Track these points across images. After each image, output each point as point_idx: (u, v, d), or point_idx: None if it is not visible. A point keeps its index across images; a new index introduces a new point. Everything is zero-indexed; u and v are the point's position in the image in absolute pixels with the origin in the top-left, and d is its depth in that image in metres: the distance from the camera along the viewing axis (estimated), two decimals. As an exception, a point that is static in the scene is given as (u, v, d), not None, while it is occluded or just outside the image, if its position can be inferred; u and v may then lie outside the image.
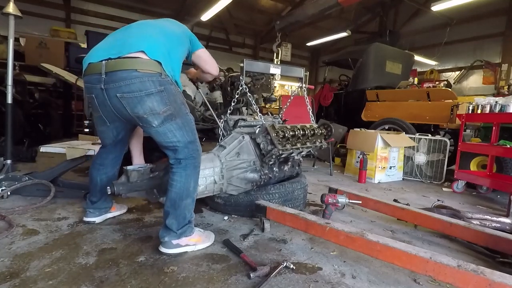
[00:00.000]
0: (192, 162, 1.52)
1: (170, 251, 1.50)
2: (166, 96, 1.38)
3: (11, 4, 2.47)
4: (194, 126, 1.55)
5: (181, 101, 1.49)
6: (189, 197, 1.52)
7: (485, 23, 8.56)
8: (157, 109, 1.37)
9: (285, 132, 1.94)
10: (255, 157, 2.01)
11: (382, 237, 1.39)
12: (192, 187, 1.54)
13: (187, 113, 1.52)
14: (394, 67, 5.59)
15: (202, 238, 1.61)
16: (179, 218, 1.51)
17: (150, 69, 1.34)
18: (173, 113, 1.42)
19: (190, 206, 1.55)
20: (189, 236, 1.55)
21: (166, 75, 1.40)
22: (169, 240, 1.50)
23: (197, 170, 1.56)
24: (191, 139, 1.51)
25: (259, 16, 11.13)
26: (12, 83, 2.58)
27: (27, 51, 6.22)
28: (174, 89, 1.44)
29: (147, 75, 1.33)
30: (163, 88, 1.36)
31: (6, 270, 1.31)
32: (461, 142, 3.34)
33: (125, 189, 1.62)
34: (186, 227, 1.54)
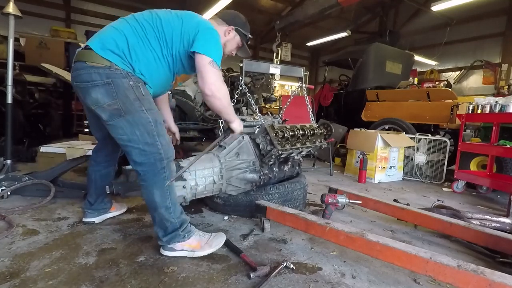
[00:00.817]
0: (150, 169, 1.39)
1: (166, 252, 1.50)
2: (114, 89, 1.30)
3: (11, 4, 2.47)
4: (154, 127, 1.38)
5: (136, 97, 1.33)
6: (158, 208, 1.43)
7: (485, 23, 8.56)
8: (101, 101, 1.32)
9: (285, 132, 1.94)
10: (255, 158, 2.00)
11: (382, 237, 1.39)
12: (158, 197, 1.41)
13: (143, 110, 1.35)
14: (394, 67, 5.59)
15: (201, 244, 1.53)
16: (161, 226, 1.47)
17: (98, 62, 1.31)
18: (121, 108, 1.32)
19: (166, 216, 1.44)
20: (183, 241, 1.49)
21: (118, 68, 1.31)
22: (162, 244, 1.50)
23: (159, 177, 1.40)
24: (145, 141, 1.36)
25: (259, 16, 11.12)
26: (12, 83, 2.58)
27: (27, 51, 6.22)
28: (127, 83, 1.32)
29: (94, 67, 1.31)
30: (110, 80, 1.30)
31: (6, 270, 1.31)
32: (461, 142, 3.34)
33: (124, 188, 1.62)
34: (173, 235, 1.47)
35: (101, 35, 1.38)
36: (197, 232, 1.57)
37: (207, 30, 1.46)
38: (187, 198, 1.78)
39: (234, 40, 1.71)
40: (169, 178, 1.44)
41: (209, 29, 1.47)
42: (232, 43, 1.72)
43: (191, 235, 1.52)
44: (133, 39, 1.36)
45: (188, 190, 1.77)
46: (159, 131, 1.40)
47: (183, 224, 1.51)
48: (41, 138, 4.77)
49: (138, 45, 1.36)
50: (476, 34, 8.78)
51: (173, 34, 1.42)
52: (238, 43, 1.74)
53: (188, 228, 1.53)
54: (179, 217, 1.50)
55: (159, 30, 1.41)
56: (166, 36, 1.42)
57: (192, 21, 1.48)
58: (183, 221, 1.52)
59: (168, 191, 1.45)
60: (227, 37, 1.67)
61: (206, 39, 1.42)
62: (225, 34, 1.66)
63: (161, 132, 1.41)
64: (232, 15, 1.72)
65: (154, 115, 1.40)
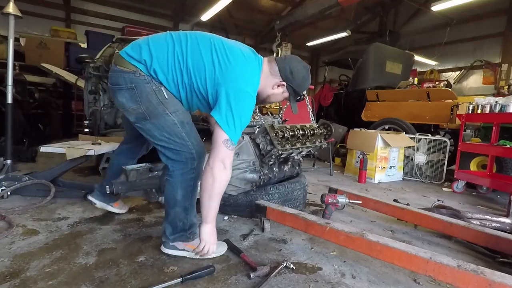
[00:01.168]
0: (180, 167, 1.39)
1: (166, 250, 1.50)
2: (137, 94, 1.33)
3: (11, 4, 2.47)
4: (181, 128, 1.37)
5: (159, 101, 1.33)
6: (177, 206, 1.43)
7: (485, 23, 8.56)
8: (126, 105, 1.37)
9: (285, 132, 1.94)
10: (255, 158, 2.00)
11: (382, 237, 1.39)
12: (180, 196, 1.41)
13: (168, 113, 1.35)
14: (394, 67, 5.59)
15: None
16: (172, 224, 1.47)
17: (125, 66, 1.34)
18: (145, 113, 1.34)
19: (181, 215, 1.44)
20: (186, 242, 1.49)
21: (142, 73, 1.32)
22: (166, 240, 1.50)
23: (186, 177, 1.40)
24: (175, 141, 1.37)
25: (259, 16, 11.13)
26: (12, 83, 2.58)
27: (27, 51, 6.22)
28: (150, 88, 1.32)
29: (121, 71, 1.34)
30: (134, 85, 1.32)
31: (6, 270, 1.31)
32: (461, 142, 3.34)
33: (124, 188, 1.62)
34: (179, 235, 1.48)
35: (135, 42, 1.40)
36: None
37: (238, 94, 1.29)
38: None
39: (281, 96, 1.52)
40: (196, 179, 1.42)
41: (240, 92, 1.30)
42: (277, 97, 1.53)
43: (195, 237, 1.51)
44: (156, 53, 1.32)
45: None
46: (188, 131, 1.39)
47: (192, 227, 1.51)
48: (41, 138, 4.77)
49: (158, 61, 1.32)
50: (476, 34, 8.78)
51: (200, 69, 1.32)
52: (284, 98, 1.55)
53: (195, 230, 1.52)
54: (192, 220, 1.50)
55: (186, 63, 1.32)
56: (189, 67, 1.33)
57: (226, 71, 1.31)
58: (193, 224, 1.52)
59: (191, 193, 1.45)
60: (274, 91, 1.48)
61: (231, 106, 1.27)
62: (273, 87, 1.47)
63: (190, 132, 1.40)
64: (292, 68, 1.44)
65: (180, 116, 1.38)
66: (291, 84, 1.47)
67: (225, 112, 1.28)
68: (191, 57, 1.32)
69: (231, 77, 1.31)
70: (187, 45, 1.35)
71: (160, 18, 10.77)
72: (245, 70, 1.36)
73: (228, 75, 1.31)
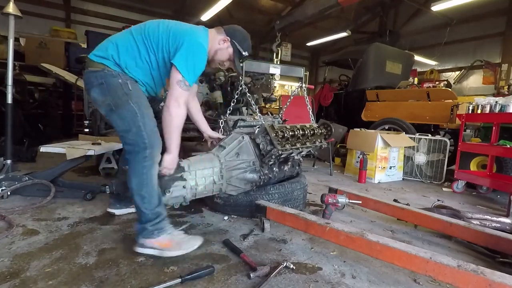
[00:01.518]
0: (133, 156, 1.47)
1: (137, 249, 1.50)
2: (105, 88, 1.46)
3: (11, 4, 2.47)
4: (140, 118, 1.45)
5: (123, 92, 1.46)
6: (134, 194, 1.47)
7: (485, 23, 8.56)
8: (97, 99, 1.51)
9: (285, 132, 1.94)
10: (255, 158, 2.00)
11: (382, 237, 1.39)
12: (134, 184, 1.46)
13: (130, 103, 1.46)
14: (394, 67, 5.59)
15: (172, 244, 1.49)
16: (137, 216, 1.51)
17: (94, 66, 1.50)
18: (111, 104, 1.46)
19: (139, 204, 1.47)
20: (152, 239, 1.48)
21: (110, 69, 1.47)
22: (136, 238, 1.51)
23: (139, 165, 1.46)
24: (132, 130, 1.45)
25: (259, 16, 11.13)
26: (12, 83, 2.58)
27: (27, 51, 6.22)
28: (117, 81, 1.46)
29: (92, 72, 1.50)
30: (103, 81, 1.46)
31: (6, 270, 1.31)
32: (461, 142, 3.34)
33: (124, 188, 1.62)
34: (143, 227, 1.49)
35: (100, 44, 1.58)
36: (171, 230, 1.54)
37: (191, 43, 1.51)
38: (187, 198, 1.78)
39: (226, 51, 1.72)
40: (150, 168, 1.48)
41: (194, 43, 1.52)
42: (223, 53, 1.72)
43: (162, 232, 1.50)
44: (122, 46, 1.51)
45: (188, 190, 1.77)
46: (145, 122, 1.47)
47: (156, 219, 1.49)
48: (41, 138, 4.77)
49: (127, 51, 1.51)
50: (476, 34, 8.78)
51: (158, 42, 1.53)
52: (230, 55, 1.74)
53: (160, 224, 1.51)
54: (153, 210, 1.48)
55: (147, 38, 1.53)
56: (153, 43, 1.53)
57: (179, 32, 1.54)
58: (157, 215, 1.50)
59: (146, 181, 1.47)
60: (220, 46, 1.70)
61: (186, 53, 1.49)
62: (219, 42, 1.69)
63: (147, 123, 1.48)
64: (234, 29, 1.74)
65: (141, 108, 1.48)
66: (234, 39, 1.70)
67: (181, 56, 1.49)
68: (151, 37, 1.52)
69: (186, 33, 1.54)
70: (144, 31, 1.54)
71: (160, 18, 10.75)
72: (196, 29, 1.63)
73: (183, 33, 1.54)
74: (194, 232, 1.81)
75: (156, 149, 1.50)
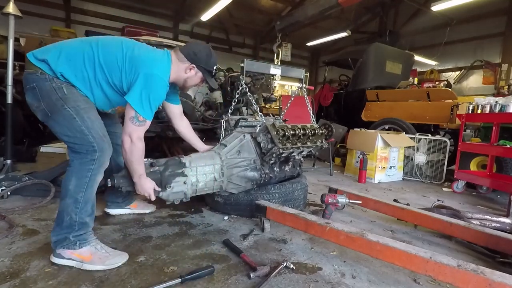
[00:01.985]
0: (78, 157, 1.40)
1: (55, 259, 1.38)
2: (38, 92, 1.39)
3: (11, 4, 2.48)
4: (80, 122, 1.38)
5: (58, 97, 1.37)
6: (67, 196, 1.38)
7: (485, 23, 8.56)
8: (32, 104, 1.43)
9: (286, 131, 1.95)
10: (256, 156, 2.01)
11: (382, 237, 1.39)
12: (72, 185, 1.37)
13: (66, 108, 1.37)
14: (394, 67, 5.59)
15: (93, 258, 1.37)
16: (59, 218, 1.39)
17: (30, 68, 1.41)
18: (45, 109, 1.39)
19: (70, 208, 1.37)
20: (73, 250, 1.37)
21: (43, 73, 1.38)
22: (52, 247, 1.40)
23: (83, 167, 1.39)
24: (75, 135, 1.38)
25: (259, 16, 11.14)
26: (12, 83, 2.58)
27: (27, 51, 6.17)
28: (50, 85, 1.38)
29: (27, 73, 1.42)
30: (35, 84, 1.39)
31: (6, 270, 1.31)
32: (461, 142, 3.34)
33: (125, 182, 1.63)
34: (64, 235, 1.37)
35: (46, 46, 1.48)
36: (96, 244, 1.43)
37: (147, 77, 1.44)
38: (188, 194, 1.78)
39: (196, 77, 1.69)
40: (95, 173, 1.41)
41: (149, 76, 1.44)
42: (193, 79, 1.70)
43: (84, 244, 1.40)
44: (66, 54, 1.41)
45: (189, 186, 1.77)
46: (88, 125, 1.40)
47: (81, 230, 1.40)
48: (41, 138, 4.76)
49: (69, 60, 1.40)
50: (476, 34, 8.78)
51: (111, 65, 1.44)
52: (201, 79, 1.72)
53: (84, 236, 1.41)
54: (82, 219, 1.40)
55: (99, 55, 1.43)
56: (104, 64, 1.43)
57: (136, 61, 1.45)
58: (84, 226, 1.41)
59: (86, 186, 1.40)
60: (188, 75, 1.66)
61: (141, 89, 1.43)
62: (186, 71, 1.64)
63: (91, 125, 1.41)
64: (194, 51, 1.63)
65: (79, 111, 1.40)
66: (199, 63, 1.64)
67: (135, 92, 1.43)
68: (102, 53, 1.43)
69: (143, 64, 1.45)
70: (97, 44, 1.45)
71: (160, 18, 10.78)
72: (155, 58, 1.53)
73: (140, 63, 1.45)
74: (194, 232, 1.82)
75: (105, 154, 1.44)
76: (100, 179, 1.46)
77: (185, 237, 1.74)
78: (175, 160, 1.79)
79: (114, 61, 1.44)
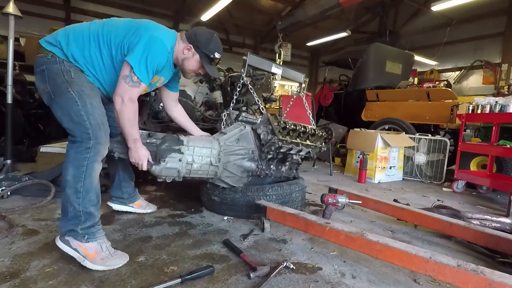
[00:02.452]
0: (74, 146, 1.39)
1: (60, 244, 1.38)
2: (46, 74, 1.40)
3: (11, 4, 2.48)
4: (81, 107, 1.37)
5: (63, 80, 1.38)
6: (67, 187, 1.36)
7: (485, 23, 8.56)
8: (39, 87, 1.45)
9: (287, 124, 1.95)
10: (254, 147, 2.00)
11: (382, 237, 1.39)
12: (70, 175, 1.36)
13: (70, 91, 1.38)
14: (394, 67, 5.59)
15: (96, 257, 1.35)
16: (63, 208, 1.39)
17: (41, 52, 1.44)
18: (50, 91, 1.40)
19: (72, 198, 1.35)
20: (80, 242, 1.36)
21: (55, 56, 1.41)
22: (60, 231, 1.41)
23: (79, 156, 1.36)
24: (72, 120, 1.38)
25: (259, 16, 11.13)
26: (12, 83, 2.58)
27: (27, 51, 6.20)
28: (58, 68, 1.39)
29: (38, 57, 1.45)
30: (44, 67, 1.41)
31: (6, 270, 1.31)
32: (461, 142, 3.34)
33: (120, 148, 1.61)
34: (72, 223, 1.37)
35: (55, 32, 1.50)
36: (102, 243, 1.41)
37: (148, 37, 1.44)
38: (181, 173, 1.74)
39: (193, 59, 1.65)
40: (92, 161, 1.38)
41: (151, 37, 1.44)
42: (191, 62, 1.65)
43: (92, 239, 1.38)
44: (73, 35, 1.45)
45: (183, 164, 1.72)
46: (89, 111, 1.39)
47: (88, 220, 1.38)
48: (41, 138, 4.76)
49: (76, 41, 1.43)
50: (476, 34, 8.78)
51: (113, 37, 1.45)
52: (198, 62, 1.66)
53: (92, 229, 1.40)
54: (86, 208, 1.38)
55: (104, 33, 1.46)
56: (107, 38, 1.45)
57: (140, 27, 1.47)
58: (90, 216, 1.39)
59: (84, 175, 1.37)
60: (185, 55, 1.63)
61: (141, 47, 1.42)
62: (183, 52, 1.62)
63: (91, 112, 1.39)
64: (196, 33, 1.64)
65: (82, 96, 1.40)
66: (197, 45, 1.62)
67: (134, 51, 1.41)
68: (107, 28, 1.46)
69: (147, 28, 1.47)
70: (103, 22, 1.49)
71: (160, 18, 10.76)
72: (161, 27, 1.56)
73: (144, 28, 1.47)
74: (194, 232, 1.82)
75: (102, 142, 1.41)
76: (98, 168, 1.43)
77: (185, 237, 1.74)
78: (173, 136, 1.77)
79: (118, 31, 1.45)
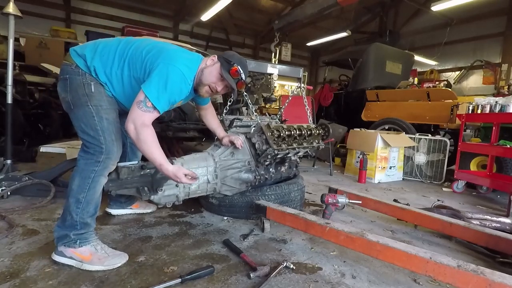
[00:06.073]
0: (85, 157, 1.43)
1: (56, 257, 1.39)
2: (68, 84, 1.44)
3: (11, 4, 2.47)
4: (97, 122, 1.41)
5: (84, 93, 1.41)
6: (70, 196, 1.40)
7: (485, 23, 8.55)
8: (60, 94, 1.48)
9: (281, 132, 1.92)
10: (250, 157, 1.98)
11: (382, 237, 1.39)
12: (75, 184, 1.40)
13: (89, 105, 1.41)
14: (394, 67, 5.59)
15: (92, 258, 1.37)
16: (63, 216, 1.43)
17: (67, 60, 1.47)
18: (70, 102, 1.43)
19: (72, 207, 1.39)
20: (73, 248, 1.38)
21: (78, 67, 1.43)
22: (55, 244, 1.42)
23: (88, 167, 1.40)
24: (88, 133, 1.41)
25: (259, 16, 11.13)
26: (12, 83, 2.58)
27: (27, 51, 6.21)
28: (80, 80, 1.42)
29: (63, 65, 1.48)
30: (67, 76, 1.44)
31: (6, 270, 1.31)
32: (461, 142, 3.34)
33: (115, 185, 1.60)
34: (64, 233, 1.39)
35: (87, 42, 1.55)
36: (96, 244, 1.43)
37: (169, 67, 1.39)
38: (180, 197, 1.75)
39: (213, 67, 1.54)
40: (99, 175, 1.42)
41: (171, 66, 1.40)
42: (209, 69, 1.54)
43: (85, 243, 1.41)
44: (101, 50, 1.46)
45: (181, 189, 1.73)
46: (104, 126, 1.42)
47: (82, 229, 1.41)
48: (41, 138, 4.77)
49: (101, 56, 1.45)
50: (476, 34, 8.77)
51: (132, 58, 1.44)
52: (217, 71, 1.53)
53: (85, 235, 1.42)
54: (83, 219, 1.41)
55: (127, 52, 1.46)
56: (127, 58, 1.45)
57: (159, 53, 1.44)
58: (85, 226, 1.42)
59: (89, 187, 1.40)
60: (207, 63, 1.56)
61: (157, 75, 1.37)
62: (207, 63, 1.56)
63: (106, 128, 1.43)
64: (230, 52, 1.63)
65: (100, 111, 1.43)
66: (222, 55, 1.59)
67: (150, 79, 1.38)
68: (133, 50, 1.46)
69: (165, 56, 1.43)
70: (132, 42, 1.50)
71: (160, 18, 10.77)
72: (182, 54, 1.51)
73: (163, 55, 1.43)
74: (194, 232, 1.82)
75: (112, 157, 1.44)
76: (104, 181, 1.46)
77: (185, 237, 1.74)
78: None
79: (140, 54, 1.45)
